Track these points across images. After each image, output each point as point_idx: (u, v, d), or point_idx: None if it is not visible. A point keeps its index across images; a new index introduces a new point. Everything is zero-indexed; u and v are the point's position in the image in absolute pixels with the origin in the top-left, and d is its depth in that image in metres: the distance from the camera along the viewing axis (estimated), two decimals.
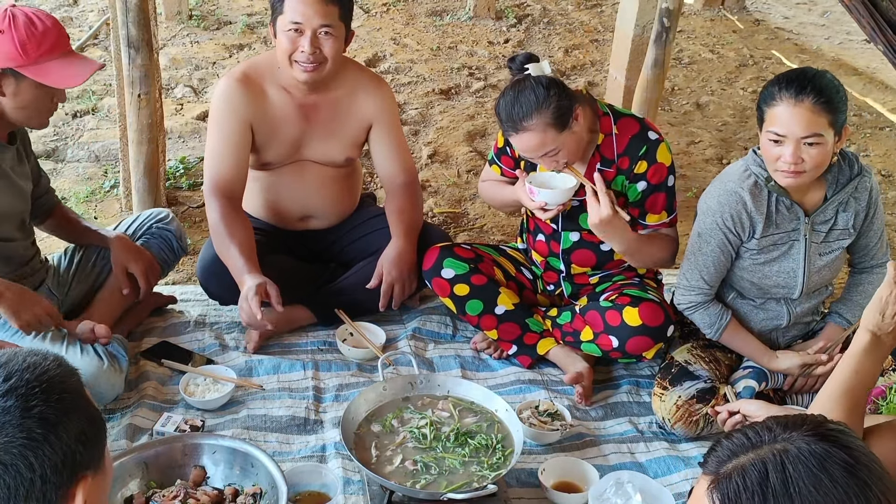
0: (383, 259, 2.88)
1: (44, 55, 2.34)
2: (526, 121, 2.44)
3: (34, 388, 1.13)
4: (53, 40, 2.36)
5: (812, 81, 2.25)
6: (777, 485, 1.05)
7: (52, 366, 1.18)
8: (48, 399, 1.13)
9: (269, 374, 2.72)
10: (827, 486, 1.04)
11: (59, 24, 2.41)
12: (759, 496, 1.05)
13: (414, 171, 3.09)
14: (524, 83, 2.46)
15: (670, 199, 2.67)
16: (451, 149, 4.55)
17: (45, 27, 2.35)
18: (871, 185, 2.50)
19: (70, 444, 1.13)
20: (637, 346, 2.64)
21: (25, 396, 1.12)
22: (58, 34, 2.38)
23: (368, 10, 6.41)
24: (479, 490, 2.12)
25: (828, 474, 1.05)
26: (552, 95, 2.43)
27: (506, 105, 2.47)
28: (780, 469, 1.06)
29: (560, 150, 2.50)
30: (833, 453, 1.07)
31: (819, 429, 1.11)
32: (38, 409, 1.11)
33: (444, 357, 2.87)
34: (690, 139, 4.86)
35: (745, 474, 1.07)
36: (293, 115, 2.82)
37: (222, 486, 2.13)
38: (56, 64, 2.36)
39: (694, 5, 6.99)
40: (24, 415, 1.11)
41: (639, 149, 2.60)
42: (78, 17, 5.88)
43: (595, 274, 2.84)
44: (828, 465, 1.06)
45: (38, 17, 2.36)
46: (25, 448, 1.09)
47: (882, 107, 5.53)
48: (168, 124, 4.13)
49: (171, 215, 3.00)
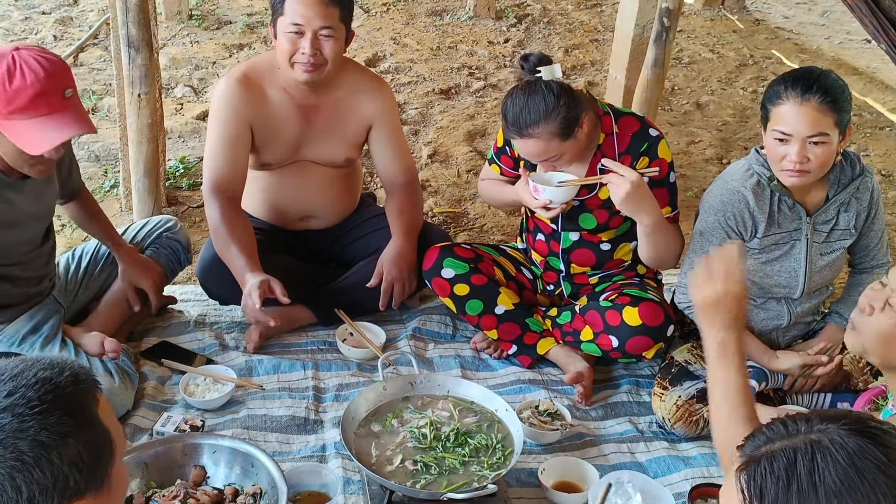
0: (383, 258, 2.88)
1: (14, 113, 2.15)
2: (532, 128, 2.44)
3: (34, 408, 1.09)
4: (27, 101, 2.15)
5: (818, 80, 2.25)
6: (803, 473, 1.06)
7: (66, 381, 1.14)
8: (46, 420, 1.09)
9: (269, 373, 2.72)
10: (854, 480, 1.04)
11: (46, 80, 2.17)
12: (784, 482, 1.06)
13: (414, 172, 3.09)
14: (535, 87, 2.45)
15: (672, 194, 2.67)
16: (451, 149, 4.54)
17: (22, 85, 2.14)
18: (872, 185, 2.50)
19: (64, 469, 1.09)
20: (637, 345, 2.64)
21: (22, 416, 1.09)
22: (35, 93, 2.15)
23: (368, 10, 6.41)
24: (479, 490, 2.12)
25: (856, 469, 1.05)
26: (561, 105, 2.42)
27: (513, 108, 2.46)
28: (808, 458, 1.07)
29: (561, 157, 2.51)
30: (867, 449, 1.06)
31: (858, 424, 1.10)
32: (33, 431, 1.08)
33: (444, 357, 2.87)
34: (690, 139, 4.85)
35: (774, 460, 1.08)
36: (293, 115, 2.82)
37: (222, 486, 2.13)
38: (26, 125, 2.16)
39: (694, 5, 6.99)
40: (18, 435, 1.08)
41: (640, 146, 2.61)
42: (78, 17, 5.88)
43: (595, 274, 2.84)
44: (858, 460, 1.06)
45: (22, 71, 2.15)
46: (14, 470, 1.06)
47: (882, 107, 5.52)
48: (168, 124, 4.13)
49: (179, 224, 3.00)
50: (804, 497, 1.05)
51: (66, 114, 2.22)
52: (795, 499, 1.06)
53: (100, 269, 2.81)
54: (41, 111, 2.18)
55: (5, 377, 1.12)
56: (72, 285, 2.76)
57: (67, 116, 2.22)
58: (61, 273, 2.75)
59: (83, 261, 2.81)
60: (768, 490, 1.07)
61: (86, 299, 2.79)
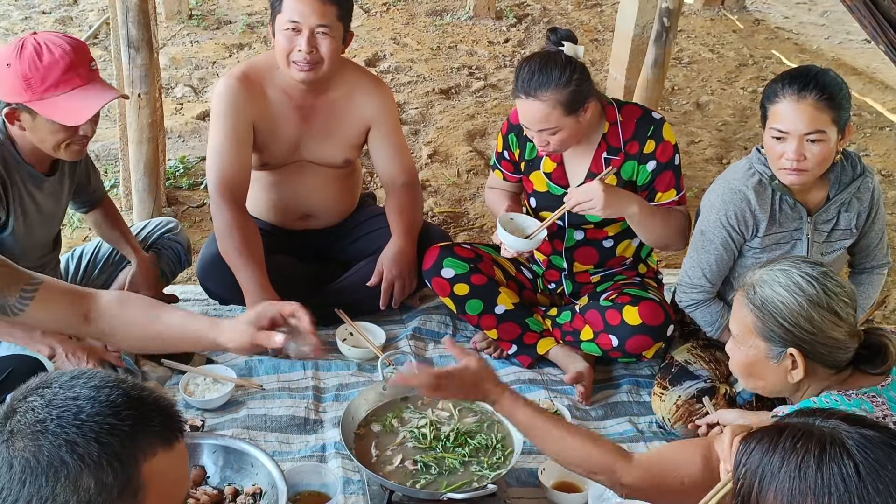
0: (383, 257, 2.88)
1: (49, 90, 2.22)
2: (539, 91, 2.46)
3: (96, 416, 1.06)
4: (60, 74, 2.23)
5: (815, 78, 2.25)
6: (780, 451, 1.13)
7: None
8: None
9: (269, 373, 2.72)
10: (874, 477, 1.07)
11: (73, 54, 2.26)
12: (770, 451, 1.14)
13: (414, 172, 3.09)
14: (555, 57, 2.49)
15: (678, 176, 2.67)
16: (451, 149, 4.54)
17: (52, 60, 2.22)
18: (873, 185, 2.49)
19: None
20: (637, 345, 2.64)
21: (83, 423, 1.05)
22: (67, 66, 2.24)
23: (368, 10, 6.41)
24: (479, 490, 2.12)
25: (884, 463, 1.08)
26: (574, 79, 2.46)
27: (529, 69, 2.49)
28: (793, 440, 1.13)
29: (557, 132, 2.51)
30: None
31: (866, 420, 1.15)
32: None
33: (444, 357, 2.86)
34: (690, 139, 4.86)
35: (767, 433, 1.16)
36: (291, 116, 2.82)
37: (222, 485, 2.13)
38: (64, 98, 2.23)
39: (694, 5, 6.99)
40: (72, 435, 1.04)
41: (646, 130, 2.62)
42: (78, 16, 5.88)
43: (597, 272, 2.85)
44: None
45: (49, 48, 2.23)
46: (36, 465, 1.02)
47: (882, 107, 5.52)
48: (168, 124, 4.13)
49: (180, 226, 3.00)
50: (770, 470, 1.12)
51: (96, 84, 2.32)
52: (764, 466, 1.13)
53: (99, 270, 2.81)
54: (75, 83, 2.26)
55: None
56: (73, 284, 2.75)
57: (98, 86, 2.32)
58: (61, 273, 2.75)
59: (83, 262, 2.81)
60: (752, 451, 1.16)
61: None
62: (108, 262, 2.82)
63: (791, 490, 1.09)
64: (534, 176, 2.79)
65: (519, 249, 2.66)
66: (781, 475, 1.10)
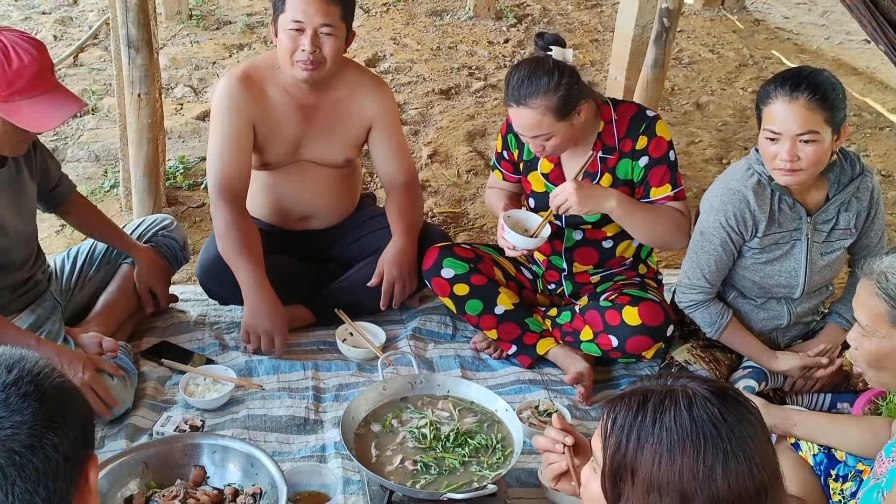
0: (384, 258, 2.88)
1: (15, 94, 2.17)
2: (530, 99, 2.45)
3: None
4: (28, 79, 2.18)
5: (807, 79, 2.26)
6: (650, 409, 1.22)
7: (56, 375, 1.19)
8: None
9: (269, 373, 2.71)
10: (686, 425, 1.19)
11: (40, 60, 2.21)
12: (633, 413, 1.24)
13: (414, 172, 3.09)
14: (543, 63, 2.47)
15: (673, 172, 2.65)
16: (451, 149, 4.54)
17: (20, 65, 2.16)
18: (872, 185, 2.50)
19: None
20: (636, 345, 2.64)
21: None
22: (35, 72, 2.19)
23: (368, 10, 6.41)
24: (479, 490, 2.12)
25: (692, 416, 1.21)
26: (563, 84, 2.45)
27: (517, 77, 2.48)
28: (659, 399, 1.23)
29: (552, 137, 2.51)
30: (708, 404, 1.21)
31: (718, 387, 1.25)
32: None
33: (444, 357, 2.87)
34: (690, 139, 4.86)
35: (633, 395, 1.26)
36: (293, 115, 2.82)
37: (222, 486, 2.13)
38: (28, 103, 2.19)
39: (694, 5, 6.99)
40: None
41: (639, 126, 2.62)
42: (78, 17, 5.88)
43: (597, 272, 2.85)
44: (696, 409, 1.20)
45: (16, 52, 2.17)
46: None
47: (882, 107, 5.52)
48: (168, 124, 4.13)
49: (175, 222, 3.00)
50: (644, 429, 1.21)
51: (59, 90, 2.28)
52: (637, 428, 1.22)
53: (95, 268, 2.81)
54: (41, 89, 2.22)
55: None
56: (68, 285, 2.75)
57: (60, 92, 2.28)
58: (57, 273, 2.75)
59: (78, 260, 2.80)
60: (619, 418, 1.24)
61: (82, 299, 2.78)
62: (104, 260, 2.82)
63: (669, 441, 1.19)
64: (532, 176, 2.79)
65: (528, 248, 2.64)
66: (656, 431, 1.20)
